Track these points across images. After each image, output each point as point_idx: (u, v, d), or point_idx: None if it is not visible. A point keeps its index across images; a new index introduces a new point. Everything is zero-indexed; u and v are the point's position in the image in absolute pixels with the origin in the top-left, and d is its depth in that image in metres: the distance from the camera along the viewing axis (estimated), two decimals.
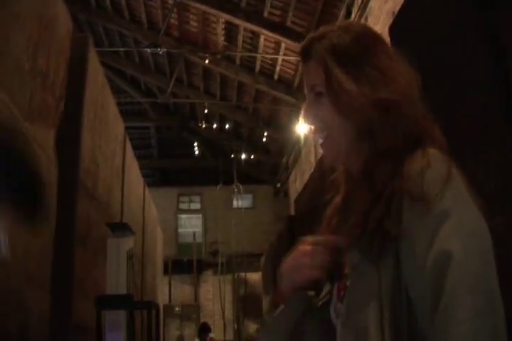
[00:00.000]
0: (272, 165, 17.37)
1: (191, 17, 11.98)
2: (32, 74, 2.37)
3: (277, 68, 11.93)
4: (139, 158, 6.23)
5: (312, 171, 6.85)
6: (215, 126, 16.04)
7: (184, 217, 18.45)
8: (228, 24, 11.45)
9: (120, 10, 12.83)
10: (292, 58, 11.24)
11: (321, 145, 1.13)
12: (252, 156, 16.72)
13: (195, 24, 12.06)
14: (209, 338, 10.46)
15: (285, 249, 6.59)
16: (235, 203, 16.22)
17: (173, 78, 13.32)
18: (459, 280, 0.85)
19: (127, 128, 5.12)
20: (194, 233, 17.48)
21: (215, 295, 15.97)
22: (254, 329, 14.01)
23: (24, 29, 2.24)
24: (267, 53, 11.69)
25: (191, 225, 18.13)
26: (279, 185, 17.54)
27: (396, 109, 1.02)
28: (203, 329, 10.72)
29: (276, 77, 12.25)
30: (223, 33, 11.83)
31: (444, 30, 2.07)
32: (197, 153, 17.17)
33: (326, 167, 1.20)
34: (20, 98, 2.23)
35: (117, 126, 4.37)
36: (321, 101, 1.10)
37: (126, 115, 12.45)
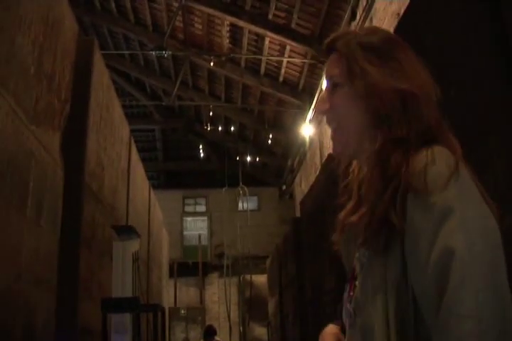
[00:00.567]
0: (278, 167, 17.37)
1: (196, 20, 12.01)
2: (38, 78, 2.37)
3: (282, 70, 11.94)
4: (144, 160, 6.25)
5: (318, 173, 6.84)
6: (220, 129, 16.07)
7: (189, 219, 18.46)
8: (233, 26, 11.47)
9: (125, 13, 12.87)
10: (297, 60, 11.25)
11: (331, 137, 1.15)
12: (257, 158, 16.73)
13: (200, 27, 12.09)
14: None
15: (291, 251, 6.58)
16: (240, 205, 16.22)
17: (178, 81, 13.34)
18: (462, 278, 0.84)
19: (132, 130, 5.13)
20: (199, 235, 17.49)
21: (220, 298, 15.97)
22: (260, 331, 13.98)
23: (29, 32, 2.25)
24: (272, 55, 11.70)
25: (197, 228, 18.14)
26: (284, 187, 17.54)
27: (415, 103, 1.04)
28: (209, 332, 10.70)
29: (281, 79, 12.25)
30: (228, 35, 11.85)
31: (449, 32, 2.06)
32: (202, 155, 17.20)
33: (335, 160, 1.20)
34: (26, 101, 2.23)
35: (122, 128, 4.38)
36: (337, 91, 1.12)
37: (131, 118, 12.51)
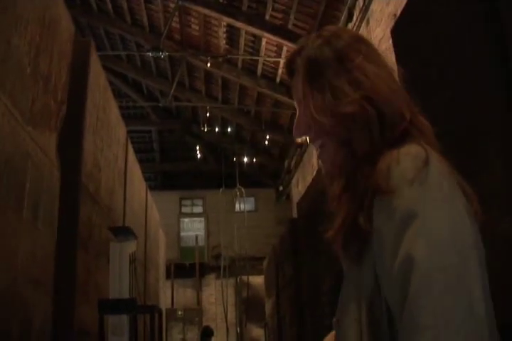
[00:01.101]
0: (274, 168, 17.38)
1: (193, 20, 12.00)
2: (34, 79, 2.37)
3: (279, 71, 11.94)
4: (140, 161, 6.23)
5: (314, 174, 6.84)
6: (217, 130, 16.07)
7: (186, 220, 18.45)
8: (230, 27, 11.47)
9: (122, 14, 12.85)
10: None
11: (318, 156, 1.15)
12: (254, 159, 16.73)
13: (197, 28, 12.08)
14: None
15: (288, 251, 6.57)
16: (237, 206, 16.22)
17: (175, 82, 13.34)
18: (421, 287, 0.80)
19: (129, 132, 5.12)
20: (196, 236, 17.48)
21: (217, 299, 15.95)
22: (257, 332, 13.97)
23: (26, 33, 2.24)
24: (269, 56, 11.71)
25: (194, 229, 18.13)
26: (281, 188, 17.55)
27: (361, 116, 1.01)
28: (206, 333, 10.71)
29: (278, 79, 12.26)
30: (225, 36, 11.85)
31: (446, 33, 2.06)
32: (199, 156, 17.19)
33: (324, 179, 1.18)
34: (23, 102, 2.23)
35: (119, 129, 4.37)
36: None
37: (128, 119, 12.48)
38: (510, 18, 1.61)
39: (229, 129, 16.16)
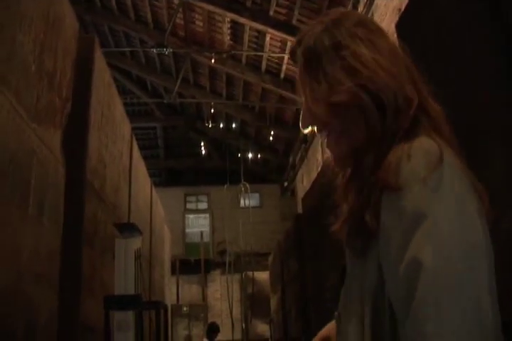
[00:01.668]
0: (279, 164, 17.37)
1: (197, 17, 11.99)
2: (39, 76, 2.37)
3: (283, 67, 11.92)
4: (145, 158, 6.25)
5: (319, 169, 6.84)
6: (222, 126, 16.06)
7: (191, 216, 18.48)
8: (234, 23, 11.45)
9: (126, 10, 12.85)
10: None
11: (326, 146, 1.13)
12: (258, 155, 16.74)
13: (201, 24, 12.07)
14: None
15: (293, 247, 6.58)
16: (242, 202, 16.21)
17: (179, 78, 13.34)
18: (428, 293, 0.77)
19: (134, 128, 5.13)
20: (201, 233, 17.51)
21: (222, 295, 15.98)
22: (262, 328, 14.00)
23: (30, 30, 2.24)
24: (273, 52, 11.68)
25: (198, 225, 18.16)
26: (286, 184, 17.54)
27: (355, 106, 0.98)
28: (212, 329, 10.73)
29: (282, 75, 12.24)
30: (229, 32, 11.83)
31: (450, 27, 2.05)
32: (204, 152, 17.20)
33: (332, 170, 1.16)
34: (27, 99, 2.23)
35: (124, 126, 4.37)
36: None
37: (132, 115, 12.50)
38: None
39: (233, 125, 16.16)
